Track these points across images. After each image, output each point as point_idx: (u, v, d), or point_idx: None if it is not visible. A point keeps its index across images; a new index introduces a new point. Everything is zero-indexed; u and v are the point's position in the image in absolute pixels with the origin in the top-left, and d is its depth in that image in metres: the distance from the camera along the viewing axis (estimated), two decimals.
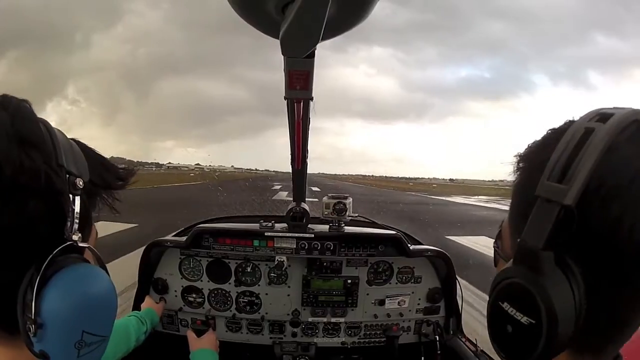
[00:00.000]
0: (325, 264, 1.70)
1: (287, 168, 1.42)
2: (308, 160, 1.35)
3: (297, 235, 1.63)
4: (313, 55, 0.59)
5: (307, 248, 1.63)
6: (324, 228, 1.68)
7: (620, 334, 0.45)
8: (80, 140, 0.59)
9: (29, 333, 0.45)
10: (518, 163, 0.51)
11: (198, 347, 1.46)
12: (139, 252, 1.74)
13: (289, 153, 1.27)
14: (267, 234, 1.63)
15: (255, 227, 1.66)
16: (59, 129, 0.53)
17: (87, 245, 0.52)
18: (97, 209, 0.60)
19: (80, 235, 0.50)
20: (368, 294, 1.76)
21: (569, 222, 0.39)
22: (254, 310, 1.77)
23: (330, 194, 1.65)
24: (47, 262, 0.46)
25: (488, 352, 1.56)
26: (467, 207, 22.56)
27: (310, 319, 1.77)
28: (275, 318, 1.77)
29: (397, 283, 1.77)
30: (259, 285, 1.75)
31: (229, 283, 1.75)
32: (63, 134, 0.53)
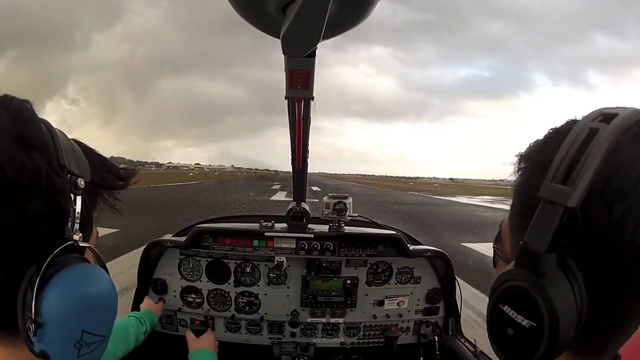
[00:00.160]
0: (325, 265, 1.70)
1: (287, 167, 1.42)
2: (308, 160, 1.35)
3: (296, 236, 1.62)
4: (314, 55, 0.59)
5: (306, 248, 1.63)
6: (324, 228, 1.67)
7: (621, 335, 0.45)
8: (81, 141, 0.59)
9: (29, 332, 0.45)
10: (519, 163, 0.50)
11: (197, 347, 1.46)
12: (116, 263, 1.68)
13: (289, 152, 1.27)
14: (266, 234, 1.62)
15: (255, 227, 1.66)
16: (60, 130, 0.52)
17: (87, 245, 0.52)
18: (98, 209, 0.60)
19: (81, 235, 0.50)
20: (367, 295, 1.76)
21: (573, 224, 0.39)
22: (253, 311, 1.77)
23: (331, 194, 1.65)
24: (47, 261, 0.45)
25: (487, 352, 1.56)
26: (473, 207, 21.48)
27: (310, 320, 1.77)
28: (275, 318, 1.77)
29: (396, 283, 1.77)
30: (258, 286, 1.75)
31: (228, 283, 1.75)
32: (64, 135, 0.53)
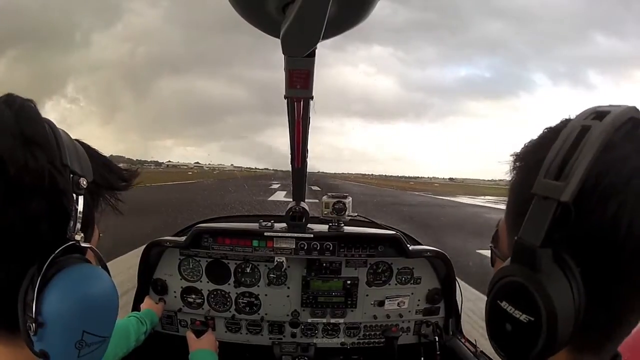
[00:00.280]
0: (325, 265, 1.70)
1: (286, 167, 1.42)
2: (307, 159, 1.35)
3: (296, 235, 1.62)
4: (313, 55, 0.59)
5: (306, 248, 1.63)
6: (324, 228, 1.67)
7: (619, 331, 0.45)
8: (84, 142, 0.59)
9: (30, 332, 0.45)
10: (514, 162, 0.51)
11: (197, 347, 1.46)
12: None
13: (289, 152, 1.27)
14: (266, 234, 1.62)
15: (255, 226, 1.66)
16: (64, 130, 0.52)
17: (89, 246, 0.52)
18: (99, 210, 0.60)
19: (83, 236, 0.50)
20: (367, 295, 1.76)
21: (566, 219, 0.40)
22: (254, 311, 1.76)
23: (330, 193, 1.65)
24: (49, 261, 0.45)
25: (487, 353, 1.56)
26: (479, 209, 20.77)
27: (310, 320, 1.77)
28: (275, 319, 1.77)
29: (396, 284, 1.77)
30: (259, 286, 1.75)
31: (229, 284, 1.74)
32: (67, 135, 0.53)
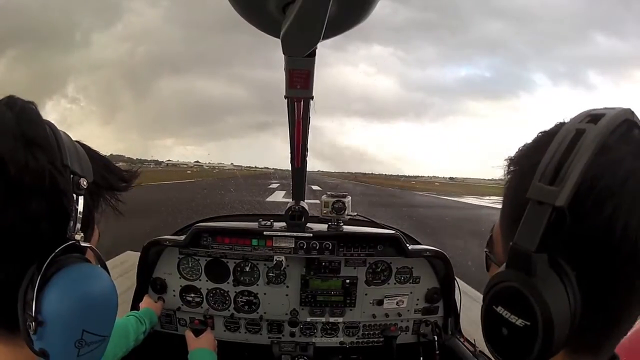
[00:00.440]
0: (324, 264, 1.70)
1: (286, 166, 1.43)
2: (307, 159, 1.35)
3: (295, 235, 1.62)
4: (314, 54, 0.59)
5: (305, 247, 1.63)
6: (323, 227, 1.67)
7: (616, 332, 0.45)
8: (85, 143, 0.59)
9: (29, 331, 0.45)
10: (509, 166, 0.51)
11: (196, 346, 1.46)
12: None
13: (289, 151, 1.27)
14: (265, 233, 1.62)
15: (254, 226, 1.66)
16: (64, 132, 0.53)
17: (88, 245, 0.52)
18: (100, 210, 0.60)
19: (83, 235, 0.50)
20: (366, 294, 1.76)
21: (561, 223, 0.40)
22: (253, 310, 1.77)
23: (330, 192, 1.65)
24: (48, 260, 0.46)
25: (487, 352, 1.57)
26: (491, 211, 19.25)
27: (309, 319, 1.77)
28: (274, 318, 1.77)
29: (395, 283, 1.77)
30: (258, 285, 1.75)
31: (228, 283, 1.74)
32: (68, 136, 0.54)
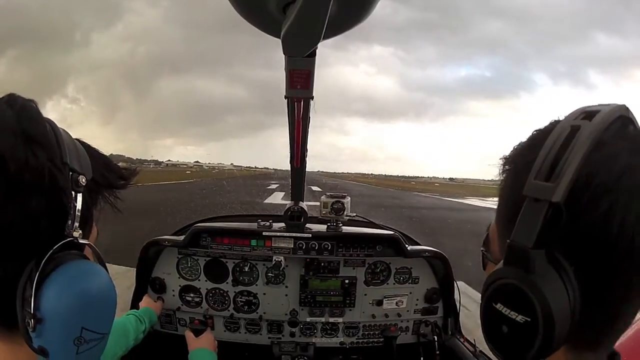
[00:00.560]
0: (323, 264, 1.70)
1: (286, 166, 1.43)
2: (307, 159, 1.35)
3: (294, 235, 1.62)
4: (314, 55, 0.59)
5: (304, 248, 1.63)
6: (322, 228, 1.67)
7: (615, 327, 0.46)
8: (84, 141, 0.60)
9: (28, 328, 0.45)
10: (504, 165, 0.51)
11: (196, 346, 1.46)
12: None
13: (288, 151, 1.27)
14: (264, 234, 1.62)
15: (253, 226, 1.66)
16: (64, 129, 0.53)
17: (87, 243, 0.53)
18: (99, 208, 0.60)
19: (81, 232, 0.50)
20: (366, 294, 1.76)
21: (558, 219, 0.40)
22: (252, 310, 1.77)
23: (329, 193, 1.65)
24: (47, 257, 0.46)
25: (487, 352, 1.57)
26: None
27: (309, 319, 1.77)
28: (274, 318, 1.77)
29: (394, 283, 1.77)
30: (257, 285, 1.75)
31: (227, 283, 1.75)
32: (68, 134, 0.54)
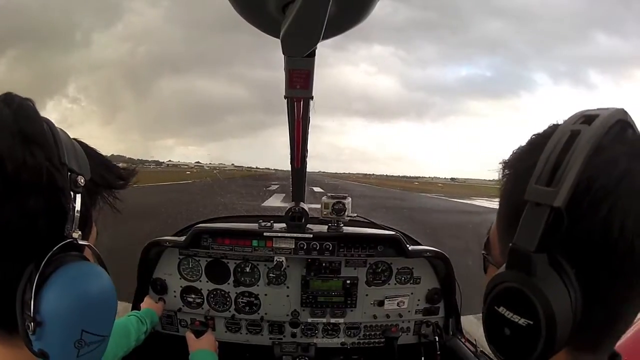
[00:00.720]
0: (324, 265, 1.70)
1: (287, 166, 1.43)
2: (307, 159, 1.35)
3: (295, 236, 1.62)
4: (313, 55, 0.59)
5: (305, 248, 1.63)
6: (323, 228, 1.67)
7: (616, 329, 0.46)
8: (82, 141, 0.59)
9: (28, 331, 0.45)
10: (504, 169, 0.51)
11: (197, 347, 1.46)
12: None
13: (289, 152, 1.27)
14: (265, 234, 1.62)
15: (254, 227, 1.66)
16: (62, 129, 0.53)
17: (87, 244, 0.52)
18: (97, 208, 0.60)
19: (80, 233, 0.50)
20: (367, 295, 1.76)
21: (560, 223, 0.40)
22: (253, 311, 1.76)
23: (330, 194, 1.65)
24: (46, 259, 0.45)
25: (488, 352, 1.56)
26: None
27: (310, 320, 1.77)
28: (275, 319, 1.77)
29: (396, 284, 1.77)
30: (258, 286, 1.75)
31: (228, 283, 1.74)
32: (66, 133, 0.54)
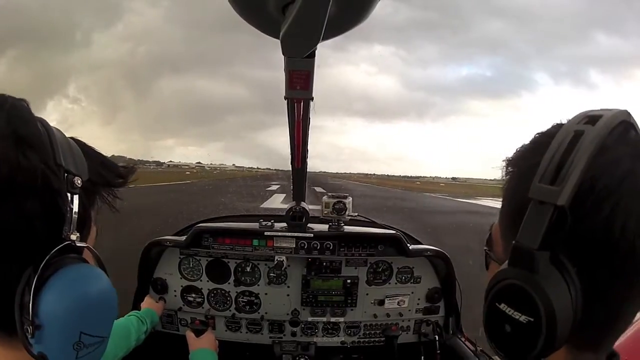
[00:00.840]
0: (325, 264, 1.70)
1: (288, 167, 1.42)
2: (308, 160, 1.35)
3: (296, 235, 1.62)
4: (313, 55, 0.59)
5: (306, 248, 1.63)
6: (324, 227, 1.67)
7: (616, 327, 0.47)
8: (80, 139, 0.58)
9: (27, 334, 0.44)
10: (507, 167, 0.52)
11: (197, 346, 1.46)
12: None
13: (289, 152, 1.27)
14: (266, 234, 1.62)
15: (255, 226, 1.66)
16: (57, 128, 0.52)
17: (85, 245, 0.51)
18: (96, 208, 0.59)
19: (79, 235, 0.49)
20: (367, 294, 1.76)
21: (563, 222, 0.41)
22: (254, 310, 1.77)
23: (330, 193, 1.65)
24: (44, 262, 0.45)
25: (488, 351, 1.56)
26: None
27: (310, 319, 1.77)
28: (275, 318, 1.77)
29: (396, 283, 1.77)
30: (259, 285, 1.75)
31: (229, 283, 1.75)
32: (61, 133, 0.53)
